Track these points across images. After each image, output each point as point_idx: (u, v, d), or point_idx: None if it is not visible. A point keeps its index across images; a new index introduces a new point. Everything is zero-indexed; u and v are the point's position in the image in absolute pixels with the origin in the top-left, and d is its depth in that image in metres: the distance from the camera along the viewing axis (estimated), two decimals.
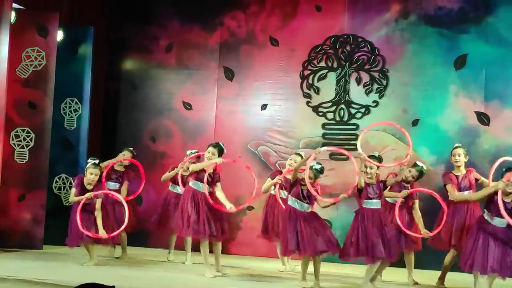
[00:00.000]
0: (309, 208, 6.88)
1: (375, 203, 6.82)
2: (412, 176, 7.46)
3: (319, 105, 9.78)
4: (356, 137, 9.53)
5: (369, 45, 9.67)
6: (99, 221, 7.60)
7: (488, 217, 6.59)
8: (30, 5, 9.26)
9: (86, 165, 7.94)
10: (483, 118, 9.13)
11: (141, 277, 7.09)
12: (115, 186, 8.37)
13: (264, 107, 9.98)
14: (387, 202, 7.39)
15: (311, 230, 6.74)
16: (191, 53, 10.34)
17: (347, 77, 9.71)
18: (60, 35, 9.36)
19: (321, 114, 9.76)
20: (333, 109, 9.73)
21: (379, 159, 7.27)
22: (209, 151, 7.30)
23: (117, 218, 8.08)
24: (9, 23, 8.34)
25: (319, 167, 6.88)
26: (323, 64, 9.82)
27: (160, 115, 10.35)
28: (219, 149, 7.32)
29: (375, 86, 9.60)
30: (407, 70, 9.51)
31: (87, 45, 9.72)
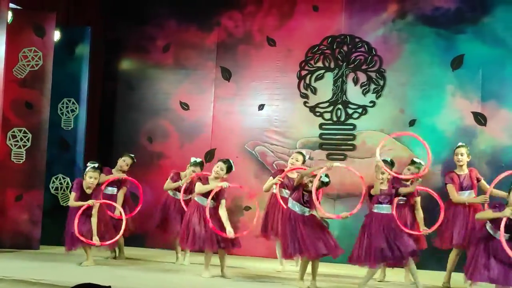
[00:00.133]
0: (309, 212, 6.87)
1: (386, 208, 6.78)
2: (411, 173, 7.46)
3: (316, 105, 9.78)
4: (353, 137, 9.60)
5: (366, 45, 9.67)
6: (94, 227, 7.59)
7: (491, 230, 6.51)
8: (27, 5, 9.25)
9: (83, 165, 7.93)
10: (480, 118, 9.14)
11: (138, 277, 7.08)
12: (112, 191, 8.32)
13: (261, 107, 9.98)
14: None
15: (310, 233, 6.73)
16: (188, 53, 10.33)
17: (344, 77, 9.72)
18: (57, 35, 9.36)
19: (318, 114, 9.76)
20: (330, 109, 9.73)
21: (392, 164, 7.19)
22: (218, 166, 7.31)
23: (114, 224, 8.04)
24: (6, 23, 8.33)
25: (327, 180, 6.84)
26: (320, 64, 9.82)
27: (157, 115, 10.34)
28: (228, 166, 7.33)
29: (372, 86, 9.60)
30: (404, 70, 9.51)
31: (84, 45, 9.71)
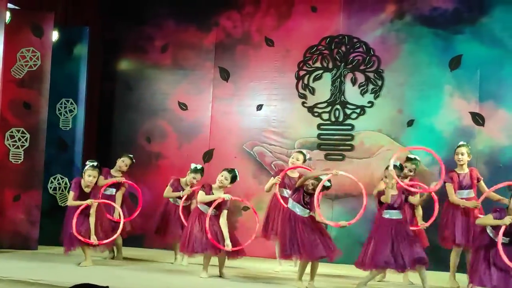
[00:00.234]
0: (309, 213, 6.87)
1: (395, 213, 6.75)
2: (409, 170, 7.46)
3: (315, 106, 9.78)
4: (351, 137, 9.61)
5: (364, 46, 9.67)
6: (92, 227, 7.58)
7: (492, 233, 6.52)
8: (25, 5, 9.24)
9: (81, 166, 7.92)
10: (477, 118, 9.14)
11: (136, 278, 7.08)
12: (111, 191, 8.32)
13: (259, 107, 9.98)
14: None
15: (309, 234, 6.72)
16: (187, 53, 10.33)
17: (342, 78, 9.72)
18: (55, 35, 9.34)
19: (316, 114, 9.76)
20: (328, 109, 9.73)
21: (401, 168, 7.12)
22: (223, 175, 7.32)
23: (113, 225, 8.04)
24: (4, 23, 8.32)
25: (329, 185, 6.85)
26: (318, 64, 9.82)
27: (155, 115, 10.34)
28: (233, 176, 7.33)
29: (370, 86, 9.61)
30: (402, 70, 9.51)
31: (82, 45, 9.69)
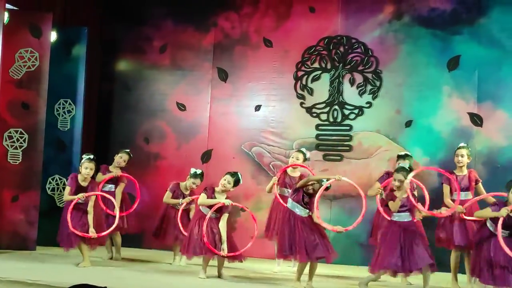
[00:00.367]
0: (308, 213, 6.86)
1: (405, 216, 6.72)
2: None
3: (313, 106, 9.79)
4: (349, 138, 9.61)
5: (362, 46, 9.68)
6: (90, 221, 7.56)
7: (492, 227, 6.55)
8: (23, 5, 9.24)
9: (79, 166, 7.90)
10: (476, 119, 9.15)
11: (135, 278, 7.08)
12: (110, 188, 8.32)
13: (258, 108, 9.98)
14: None
15: (309, 234, 6.72)
16: (185, 54, 10.33)
17: (340, 78, 9.72)
18: (53, 36, 9.34)
19: (314, 115, 9.77)
20: (326, 110, 9.74)
21: (410, 170, 6.98)
22: (226, 179, 7.30)
23: (109, 222, 8.03)
24: (2, 23, 8.32)
25: (329, 186, 6.85)
26: (316, 65, 9.83)
27: (153, 116, 10.34)
28: (236, 180, 7.31)
29: (369, 87, 9.61)
30: (400, 71, 9.52)
31: (80, 46, 9.70)
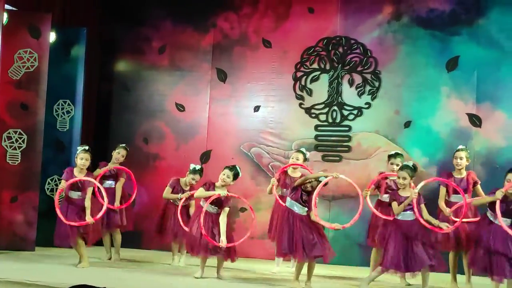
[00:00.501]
0: (307, 211, 6.86)
1: (408, 215, 6.72)
2: (397, 165, 7.42)
3: (312, 107, 9.79)
4: (348, 138, 9.62)
5: (361, 47, 9.68)
6: (88, 210, 7.50)
7: (491, 217, 6.58)
8: (22, 6, 9.23)
9: (75, 158, 7.87)
10: (474, 120, 9.16)
11: (134, 279, 7.09)
12: (110, 184, 8.31)
13: (256, 108, 9.99)
14: None
15: (307, 233, 6.72)
16: (184, 55, 10.33)
17: (339, 79, 9.73)
18: (52, 37, 9.34)
19: (313, 115, 9.77)
20: (325, 110, 9.74)
21: (414, 169, 6.99)
22: (225, 174, 7.31)
23: (109, 217, 8.09)
24: (1, 24, 8.32)
25: (326, 183, 6.89)
26: (315, 65, 9.83)
27: (152, 116, 10.34)
28: (235, 173, 7.33)
29: (368, 87, 9.62)
30: (399, 71, 9.53)
31: (79, 47, 9.70)
